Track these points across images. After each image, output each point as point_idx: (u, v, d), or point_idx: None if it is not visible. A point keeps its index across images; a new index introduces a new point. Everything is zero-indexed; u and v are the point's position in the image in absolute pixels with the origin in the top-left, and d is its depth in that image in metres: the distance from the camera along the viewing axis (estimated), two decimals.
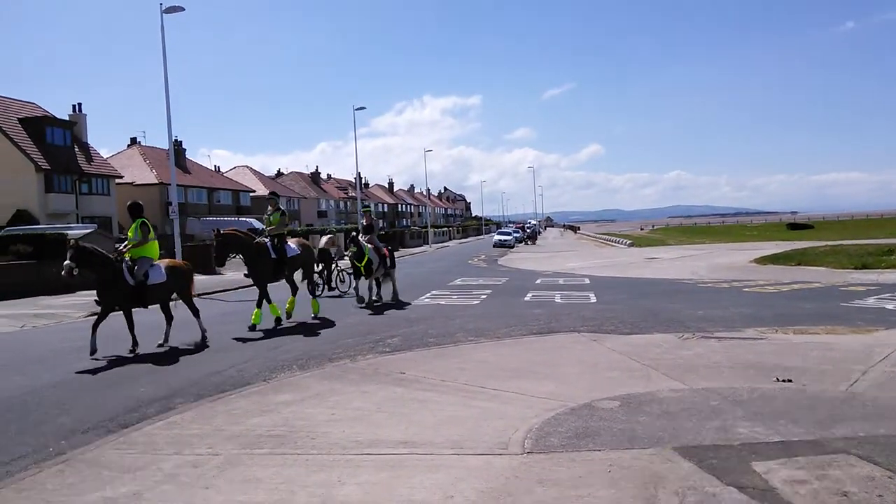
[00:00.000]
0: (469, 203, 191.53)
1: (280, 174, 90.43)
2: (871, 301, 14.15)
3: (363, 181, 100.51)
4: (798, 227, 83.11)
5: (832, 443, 5.15)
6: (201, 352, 10.46)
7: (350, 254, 15.90)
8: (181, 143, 58.07)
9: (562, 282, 21.66)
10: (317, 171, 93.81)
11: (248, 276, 13.23)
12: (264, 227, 13.73)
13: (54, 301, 19.23)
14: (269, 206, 14.13)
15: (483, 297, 17.54)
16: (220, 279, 25.60)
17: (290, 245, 13.63)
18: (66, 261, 10.02)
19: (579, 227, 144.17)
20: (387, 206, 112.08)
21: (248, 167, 79.17)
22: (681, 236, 75.56)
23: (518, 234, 69.55)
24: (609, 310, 13.94)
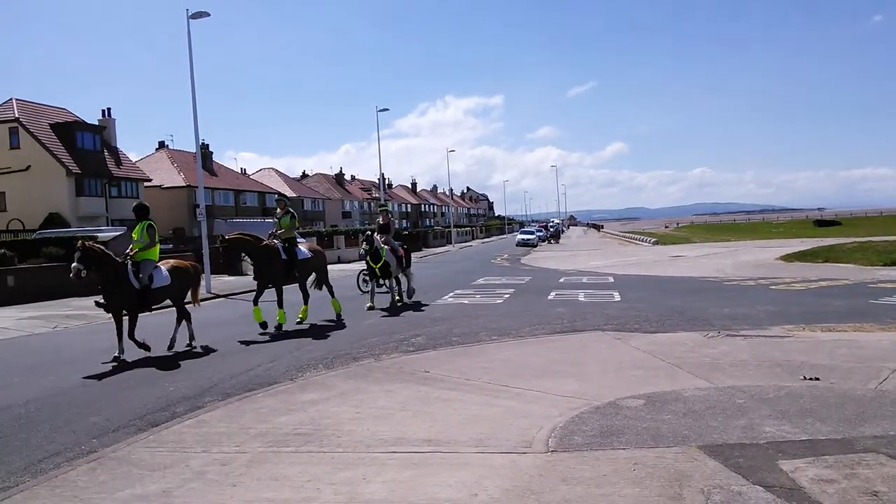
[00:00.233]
0: (492, 202, 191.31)
1: (305, 176, 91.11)
2: None
3: (387, 182, 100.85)
4: (825, 224, 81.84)
5: (861, 441, 5.09)
6: (228, 352, 10.59)
7: (363, 251, 15.75)
8: (208, 146, 58.76)
9: (585, 280, 21.57)
10: (341, 172, 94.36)
11: (255, 279, 13.00)
12: (274, 229, 13.56)
13: (85, 302, 19.52)
14: (279, 209, 13.88)
15: (506, 296, 17.53)
16: (247, 280, 25.83)
17: (300, 249, 13.54)
18: (74, 263, 9.88)
19: (603, 226, 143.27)
20: (410, 206, 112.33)
21: (273, 169, 79.82)
22: (706, 234, 74.78)
23: (541, 233, 69.36)
24: (633, 308, 13.86)
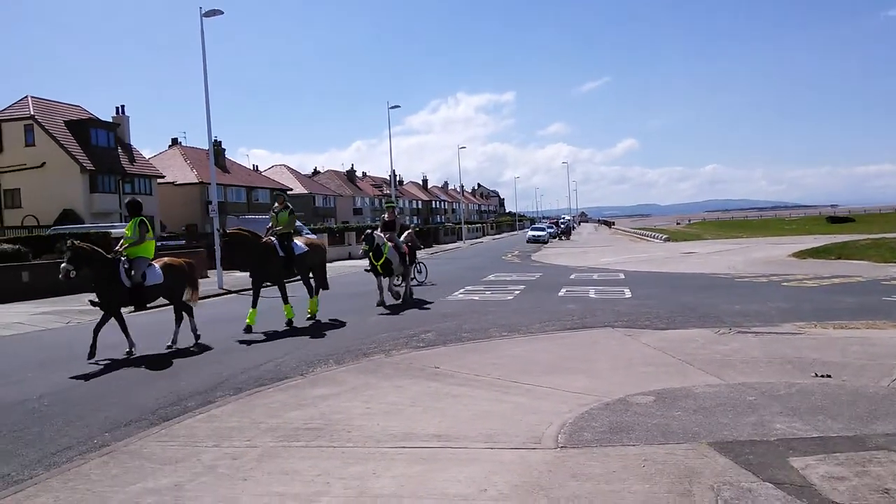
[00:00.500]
0: (503, 199, 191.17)
1: (316, 172, 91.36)
2: None
3: (398, 178, 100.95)
4: (838, 220, 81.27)
5: (872, 439, 5.06)
6: (239, 347, 10.64)
7: (363, 251, 15.23)
8: (221, 143, 59.04)
9: (596, 277, 21.51)
10: (352, 169, 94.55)
11: (251, 276, 12.63)
12: (271, 224, 13.29)
13: None
14: (277, 204, 13.51)
15: (517, 292, 17.52)
16: None
17: (297, 243, 13.28)
18: (64, 263, 9.70)
19: (614, 223, 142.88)
20: (421, 202, 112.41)
21: (285, 166, 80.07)
22: (717, 230, 74.44)
23: (552, 230, 69.22)
24: (644, 305, 13.82)
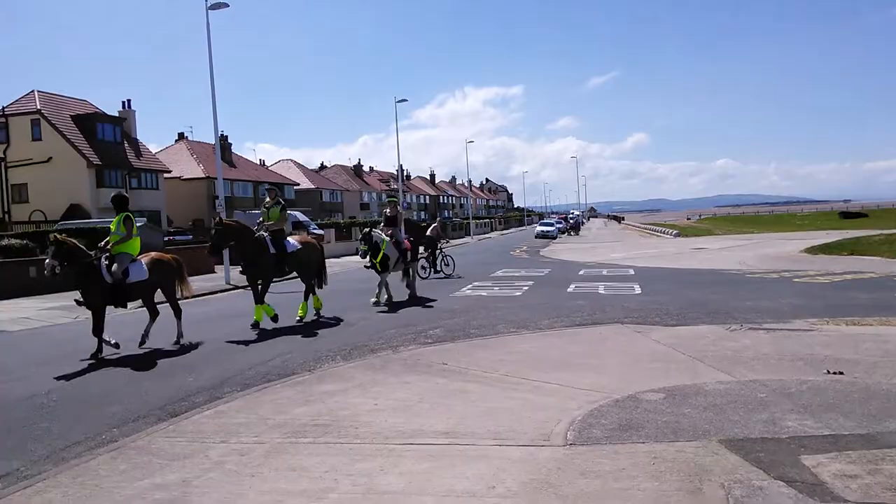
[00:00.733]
0: (511, 194, 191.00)
1: (323, 167, 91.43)
2: None
3: (405, 173, 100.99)
4: (851, 216, 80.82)
5: (885, 437, 5.00)
6: (246, 343, 10.65)
7: (361, 252, 14.86)
8: (227, 137, 59.12)
9: (606, 273, 21.44)
10: (359, 163, 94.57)
11: (243, 272, 12.32)
12: (262, 220, 12.82)
13: None
14: (268, 198, 13.03)
15: (525, 288, 17.48)
16: None
17: (289, 241, 12.86)
18: (48, 259, 9.50)
19: (624, 218, 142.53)
20: (428, 197, 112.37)
21: (292, 161, 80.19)
22: (728, 226, 74.16)
23: (561, 225, 69.10)
24: (654, 301, 13.75)
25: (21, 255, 21.37)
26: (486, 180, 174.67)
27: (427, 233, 22.90)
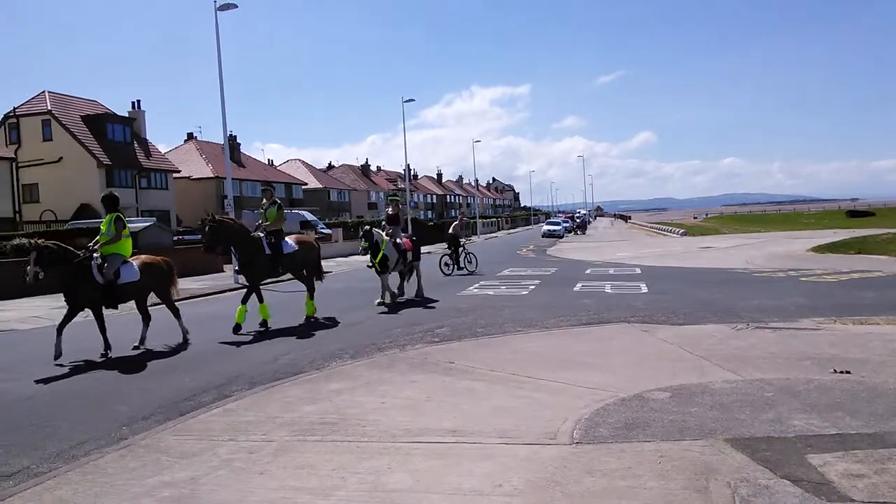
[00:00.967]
0: (518, 193, 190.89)
1: (331, 167, 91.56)
2: None
3: (412, 173, 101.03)
4: (858, 215, 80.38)
5: (892, 436, 5.00)
6: (254, 342, 10.70)
7: (362, 249, 14.77)
8: (236, 137, 59.25)
9: (612, 272, 21.41)
10: (367, 163, 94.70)
11: (238, 272, 12.16)
12: (260, 220, 12.65)
13: None
14: (265, 199, 12.82)
15: (532, 287, 17.48)
16: None
17: (286, 241, 12.64)
18: (30, 265, 9.28)
19: (630, 217, 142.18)
20: (435, 197, 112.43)
21: (300, 160, 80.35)
22: (735, 225, 73.89)
23: (567, 224, 69.00)
24: (661, 300, 13.74)
25: None
26: (493, 179, 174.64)
27: (449, 230, 23.84)
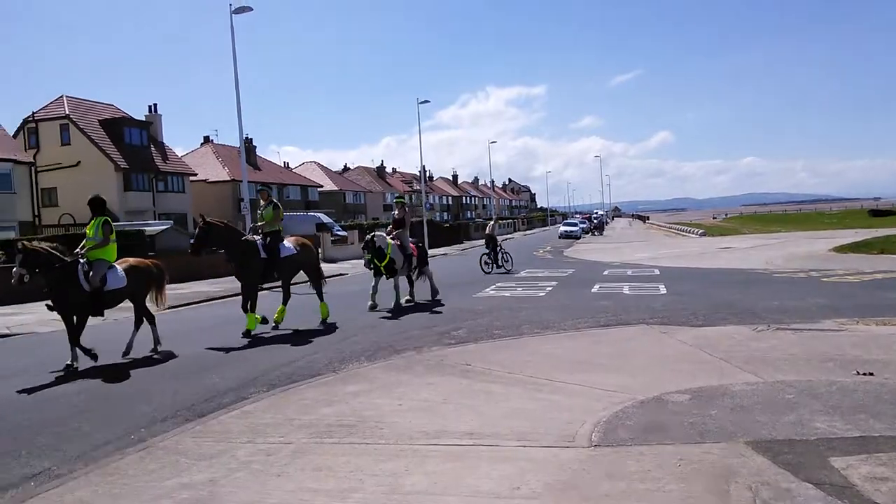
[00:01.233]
0: (534, 194, 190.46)
1: (346, 169, 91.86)
2: None
3: (427, 174, 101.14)
4: (881, 214, 79.32)
5: None
6: (270, 344, 10.74)
7: (365, 261, 14.60)
8: (251, 140, 59.65)
9: (630, 273, 21.29)
10: (382, 165, 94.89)
11: (237, 277, 11.95)
12: (257, 222, 12.38)
13: None
14: (261, 200, 12.45)
15: (549, 288, 17.42)
16: None
17: (285, 245, 12.27)
18: (16, 266, 9.06)
19: (648, 217, 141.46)
20: (451, 198, 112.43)
21: (315, 163, 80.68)
22: (755, 225, 73.29)
23: (584, 225, 68.77)
24: (680, 301, 13.64)
25: None
26: (509, 180, 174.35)
27: (486, 231, 25.46)
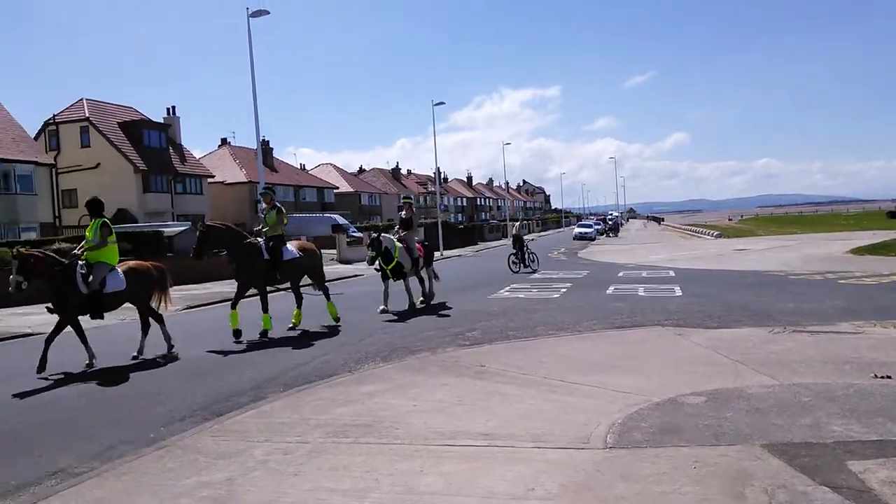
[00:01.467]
0: (549, 195, 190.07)
1: (362, 170, 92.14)
2: None
3: (442, 176, 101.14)
4: None
5: None
6: (285, 345, 10.80)
7: (370, 258, 14.23)
8: (268, 142, 60.01)
9: (645, 274, 21.22)
10: (397, 166, 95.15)
11: (236, 279, 11.90)
12: (259, 226, 12.24)
13: None
14: (264, 202, 12.37)
15: (563, 290, 17.39)
16: None
17: (288, 248, 12.18)
18: (13, 274, 8.99)
19: (663, 219, 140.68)
20: (466, 200, 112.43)
21: (332, 164, 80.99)
22: (771, 226, 72.71)
23: (599, 226, 68.56)
24: (695, 303, 13.58)
25: None
26: (524, 182, 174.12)
27: (513, 231, 26.09)
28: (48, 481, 5.20)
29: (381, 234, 14.54)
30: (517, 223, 27.33)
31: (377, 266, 14.44)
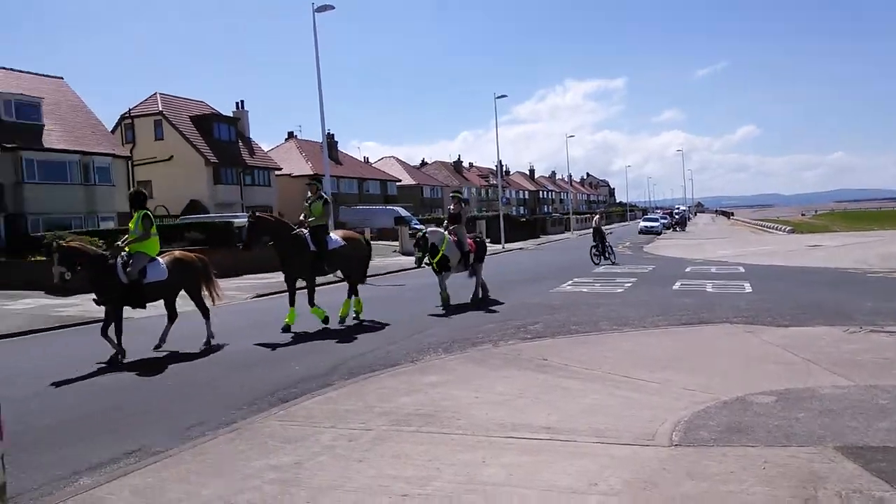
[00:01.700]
0: (613, 189, 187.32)
1: (424, 164, 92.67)
2: None
3: (504, 168, 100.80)
4: None
5: None
6: (345, 336, 10.97)
7: (417, 259, 14.19)
8: (333, 136, 60.95)
9: (714, 270, 20.70)
10: (459, 159, 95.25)
11: (283, 271, 11.92)
12: (303, 216, 12.18)
13: (225, 284, 20.73)
14: (310, 193, 12.31)
15: (628, 284, 17.13)
16: (372, 264, 26.57)
17: (332, 237, 12.19)
18: (55, 265, 9.26)
19: (733, 213, 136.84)
20: (528, 192, 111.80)
21: (394, 158, 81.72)
22: (847, 222, 69.88)
23: (665, 221, 67.13)
24: (766, 300, 13.18)
25: None
26: (587, 175, 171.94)
27: (594, 224, 25.86)
28: (129, 458, 5.44)
29: (426, 231, 14.42)
30: (597, 216, 26.91)
31: (425, 263, 14.34)
